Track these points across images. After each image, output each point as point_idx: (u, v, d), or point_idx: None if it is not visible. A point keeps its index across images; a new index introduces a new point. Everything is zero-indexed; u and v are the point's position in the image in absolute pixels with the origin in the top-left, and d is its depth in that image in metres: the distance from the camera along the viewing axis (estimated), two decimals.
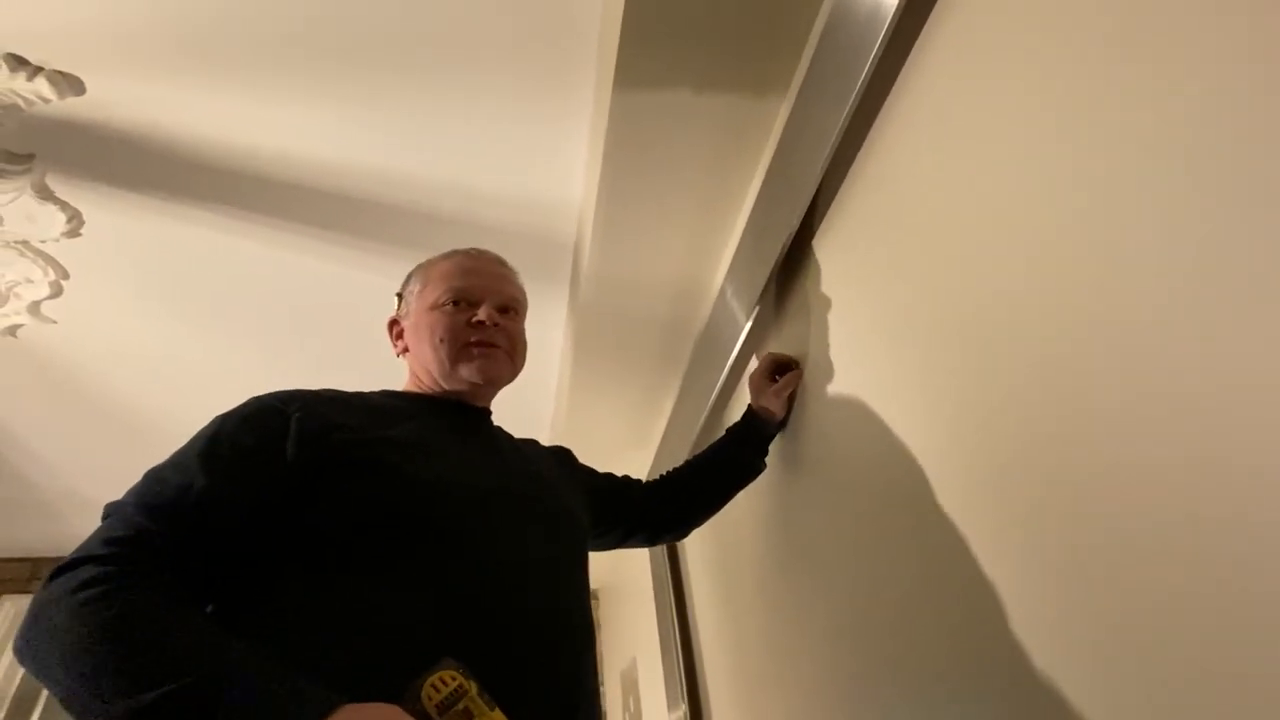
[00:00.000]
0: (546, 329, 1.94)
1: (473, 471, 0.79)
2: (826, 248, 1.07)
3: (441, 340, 0.86)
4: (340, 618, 0.61)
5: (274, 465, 0.66)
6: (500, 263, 0.97)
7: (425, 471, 0.73)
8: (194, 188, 1.46)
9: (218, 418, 0.71)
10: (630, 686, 2.57)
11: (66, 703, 0.50)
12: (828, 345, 1.05)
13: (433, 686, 0.53)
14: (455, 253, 0.94)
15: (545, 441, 1.09)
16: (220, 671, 0.49)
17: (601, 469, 1.16)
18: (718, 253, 1.47)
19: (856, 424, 0.95)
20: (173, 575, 0.57)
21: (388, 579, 0.64)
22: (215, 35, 1.18)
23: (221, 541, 0.62)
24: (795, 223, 1.07)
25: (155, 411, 2.12)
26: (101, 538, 0.58)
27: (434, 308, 0.88)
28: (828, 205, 1.04)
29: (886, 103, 0.88)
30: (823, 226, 1.07)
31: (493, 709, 0.53)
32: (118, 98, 1.27)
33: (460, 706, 0.52)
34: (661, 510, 1.15)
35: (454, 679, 0.54)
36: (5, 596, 2.65)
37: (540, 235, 1.65)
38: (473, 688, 0.54)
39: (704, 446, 1.23)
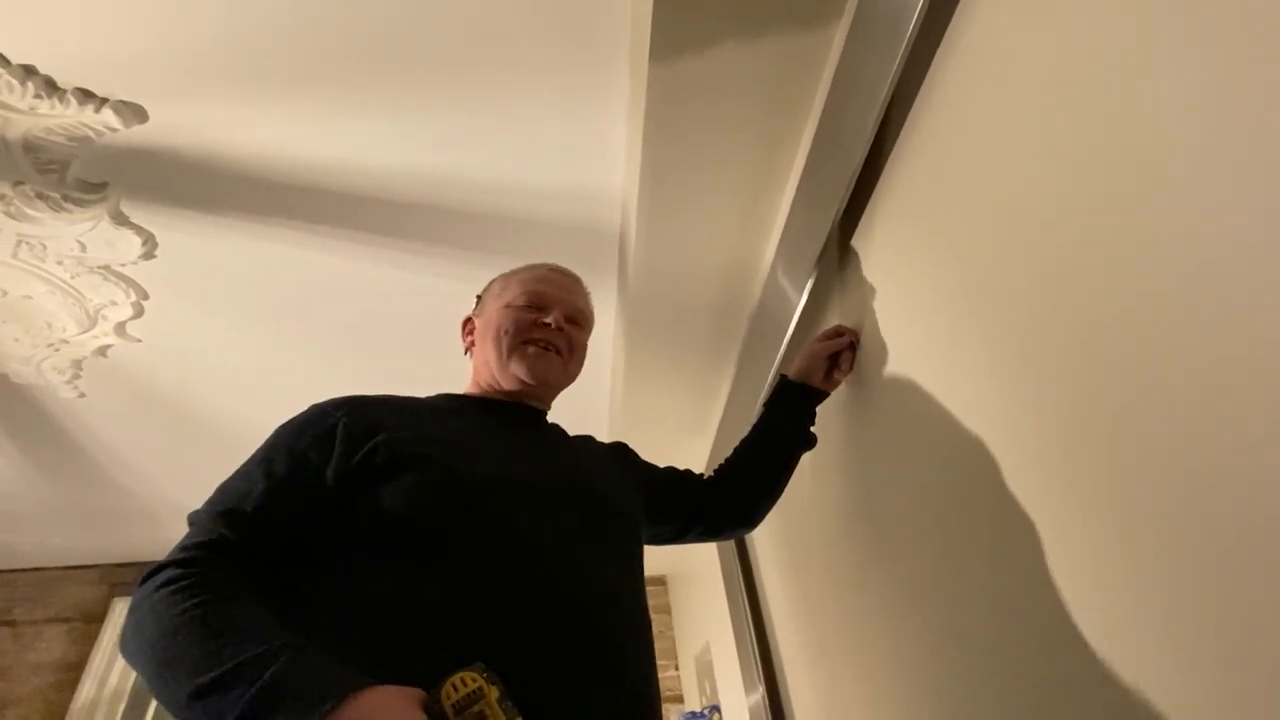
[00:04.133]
0: (598, 320, 1.93)
1: (520, 468, 0.80)
2: (882, 214, 1.02)
3: (505, 332, 0.91)
4: (383, 614, 0.63)
5: (322, 468, 0.70)
6: (577, 280, 1.04)
7: (470, 468, 0.74)
8: (257, 204, 1.52)
9: (278, 428, 0.75)
10: (705, 670, 2.57)
11: (152, 688, 0.56)
12: (888, 317, 1.01)
13: (453, 685, 0.53)
14: (538, 265, 1.01)
15: (604, 436, 1.10)
16: (263, 654, 0.53)
17: (660, 458, 1.15)
18: (767, 229, 1.43)
19: (921, 397, 0.90)
20: (239, 574, 0.62)
21: (432, 575, 0.66)
22: (264, 56, 1.22)
23: (281, 541, 0.67)
24: (847, 191, 1.02)
25: (235, 419, 2.23)
26: (181, 545, 0.64)
27: (508, 306, 0.94)
28: (881, 169, 0.99)
29: (940, 50, 0.82)
30: (876, 192, 1.02)
31: (512, 717, 0.52)
32: (179, 122, 1.32)
33: (476, 709, 0.52)
34: (722, 499, 1.11)
35: (474, 681, 0.53)
36: (117, 599, 2.85)
37: (586, 226, 1.64)
38: (493, 693, 0.53)
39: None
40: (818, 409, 1.14)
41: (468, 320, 1.01)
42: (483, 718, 0.52)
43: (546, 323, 0.92)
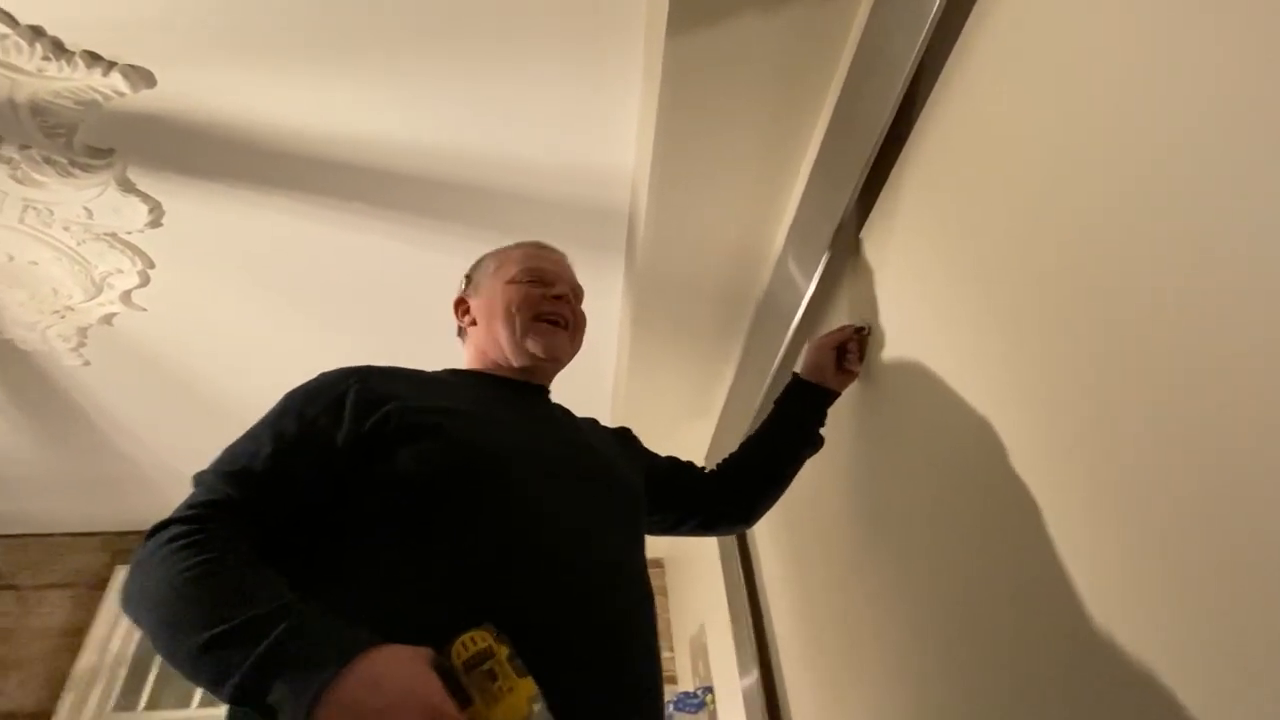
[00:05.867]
0: (604, 301, 1.93)
1: (528, 439, 0.80)
2: (898, 200, 1.00)
3: (517, 309, 0.90)
4: (392, 578, 0.64)
5: (332, 435, 0.70)
6: (564, 255, 1.03)
7: (480, 437, 0.75)
8: (264, 174, 1.51)
9: (287, 393, 0.76)
10: (700, 652, 2.60)
11: (156, 644, 0.56)
12: (901, 306, 1.00)
13: (462, 644, 0.54)
14: (526, 243, 1.01)
15: (607, 416, 1.09)
16: (272, 612, 0.53)
17: (662, 441, 1.14)
18: (779, 213, 1.42)
19: (930, 389, 0.90)
20: (246, 534, 0.63)
21: (440, 541, 0.66)
22: (274, 24, 1.21)
23: (289, 504, 0.67)
24: (863, 174, 1.01)
25: (240, 390, 2.23)
26: (187, 502, 0.65)
27: (511, 282, 0.93)
28: (899, 153, 0.97)
29: (966, 26, 0.80)
30: (893, 177, 1.01)
31: (521, 675, 0.53)
32: (187, 88, 1.31)
33: (486, 667, 0.53)
34: (722, 494, 1.10)
35: (484, 640, 0.54)
36: (119, 566, 2.87)
37: (595, 206, 1.63)
38: (502, 651, 0.54)
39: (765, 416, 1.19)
40: (830, 408, 1.13)
41: (460, 300, 0.99)
42: (492, 675, 0.53)
43: (556, 296, 0.93)
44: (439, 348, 1.32)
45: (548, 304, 0.92)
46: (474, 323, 0.96)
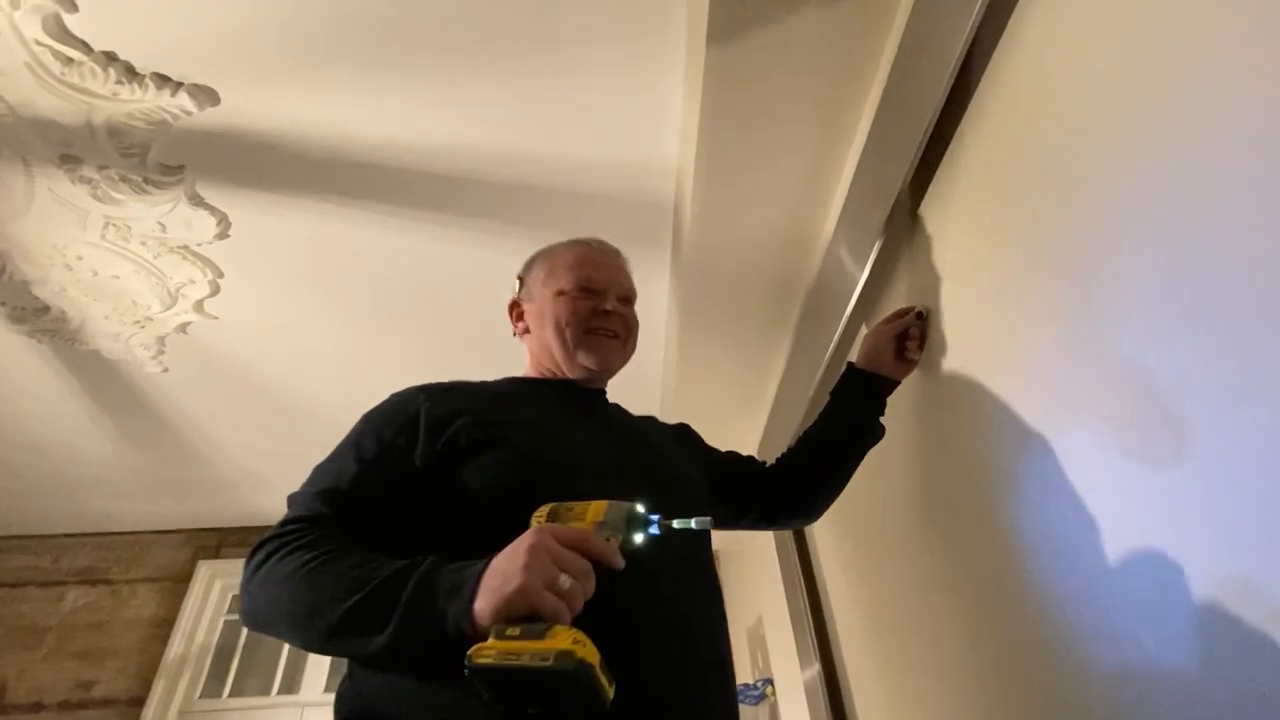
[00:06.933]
0: (651, 295, 1.93)
1: (592, 447, 0.83)
2: (955, 180, 0.97)
3: (566, 324, 0.91)
4: None
5: (409, 452, 0.75)
6: (617, 254, 1.02)
7: (547, 448, 0.78)
8: (323, 183, 1.56)
9: (364, 415, 0.82)
10: (758, 644, 2.58)
11: (291, 638, 0.63)
12: (961, 291, 0.97)
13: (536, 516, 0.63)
14: (577, 242, 1.00)
15: (657, 411, 1.10)
16: (403, 567, 0.60)
17: (712, 434, 1.14)
18: (828, 197, 1.39)
19: (995, 375, 0.87)
20: (342, 539, 0.68)
21: None
22: (328, 37, 1.25)
23: (373, 517, 0.72)
24: (916, 154, 0.97)
25: (308, 393, 2.33)
26: (283, 520, 0.71)
27: (560, 293, 0.93)
28: (955, 130, 0.94)
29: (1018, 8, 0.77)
30: (949, 156, 0.97)
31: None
32: (249, 104, 1.37)
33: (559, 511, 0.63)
34: (782, 488, 1.09)
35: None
36: (201, 562, 3.04)
37: (641, 199, 1.63)
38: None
39: (818, 409, 1.16)
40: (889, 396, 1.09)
41: (514, 304, 1.01)
42: (568, 509, 0.63)
43: (606, 310, 0.92)
44: (496, 348, 1.34)
45: (597, 318, 0.92)
46: (528, 330, 0.98)
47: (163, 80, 1.30)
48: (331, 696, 0.67)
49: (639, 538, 0.62)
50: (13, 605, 2.87)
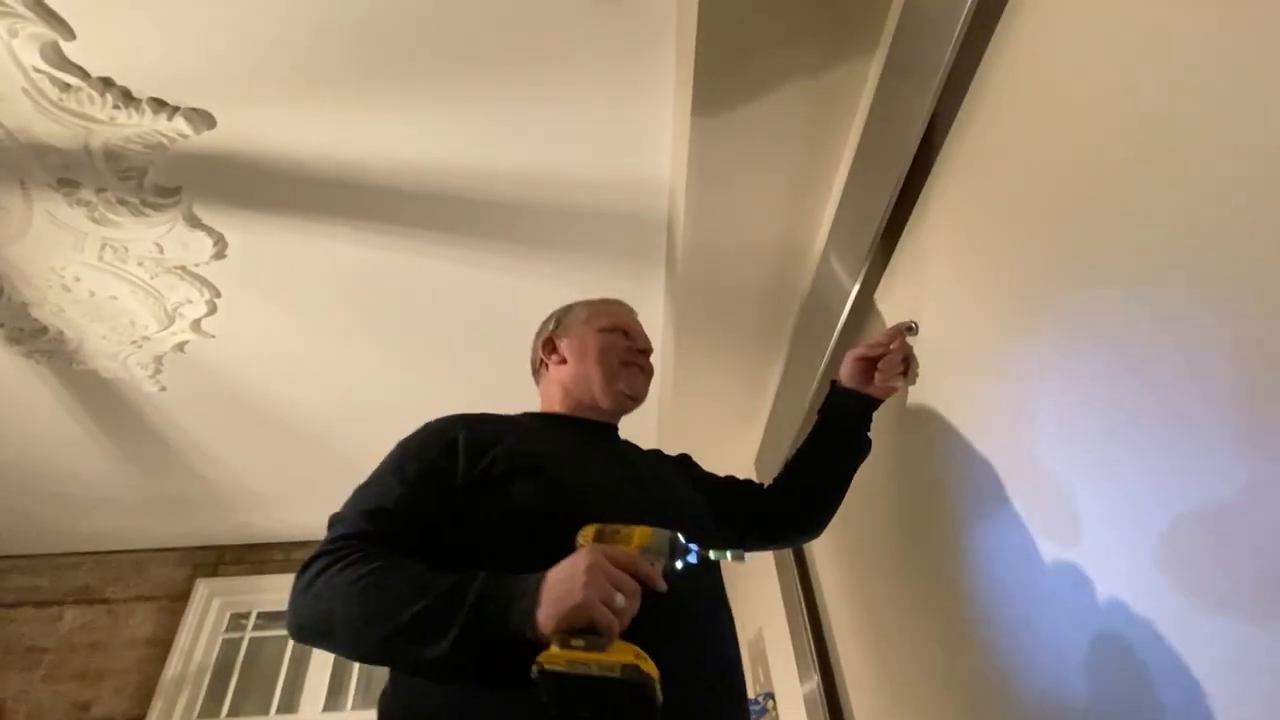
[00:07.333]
0: (646, 310, 1.93)
1: (614, 478, 0.89)
2: (944, 193, 0.98)
3: (608, 354, 1.03)
4: None
5: (451, 473, 0.80)
6: (637, 313, 1.17)
7: (573, 477, 0.83)
8: (319, 203, 1.58)
9: (400, 443, 0.86)
10: (759, 657, 2.57)
11: (343, 646, 0.67)
12: (947, 303, 0.98)
13: (582, 534, 0.68)
14: (611, 300, 1.15)
15: (652, 424, 1.15)
16: (463, 578, 0.64)
17: (709, 447, 1.18)
18: (819, 210, 1.40)
19: (985, 385, 0.88)
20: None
21: (542, 566, 0.71)
22: (321, 60, 1.27)
23: (416, 536, 0.75)
24: (905, 167, 0.99)
25: (305, 411, 2.33)
26: (329, 538, 0.74)
27: (603, 331, 1.05)
28: (943, 143, 0.95)
29: (1009, 4, 0.78)
30: (937, 169, 0.98)
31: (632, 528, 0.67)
32: (244, 127, 1.38)
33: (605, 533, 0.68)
34: (780, 508, 1.13)
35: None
36: (199, 580, 3.03)
37: (634, 215, 1.64)
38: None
39: (814, 421, 1.18)
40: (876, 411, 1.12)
41: (549, 340, 1.09)
42: (614, 532, 0.68)
43: (642, 349, 1.07)
44: (491, 363, 1.35)
45: (633, 355, 1.05)
46: (563, 361, 1.06)
47: (159, 105, 1.32)
48: (329, 716, 0.69)
49: (679, 564, 0.67)
50: (11, 626, 2.86)
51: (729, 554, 0.70)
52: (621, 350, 1.04)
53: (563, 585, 0.61)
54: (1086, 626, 0.68)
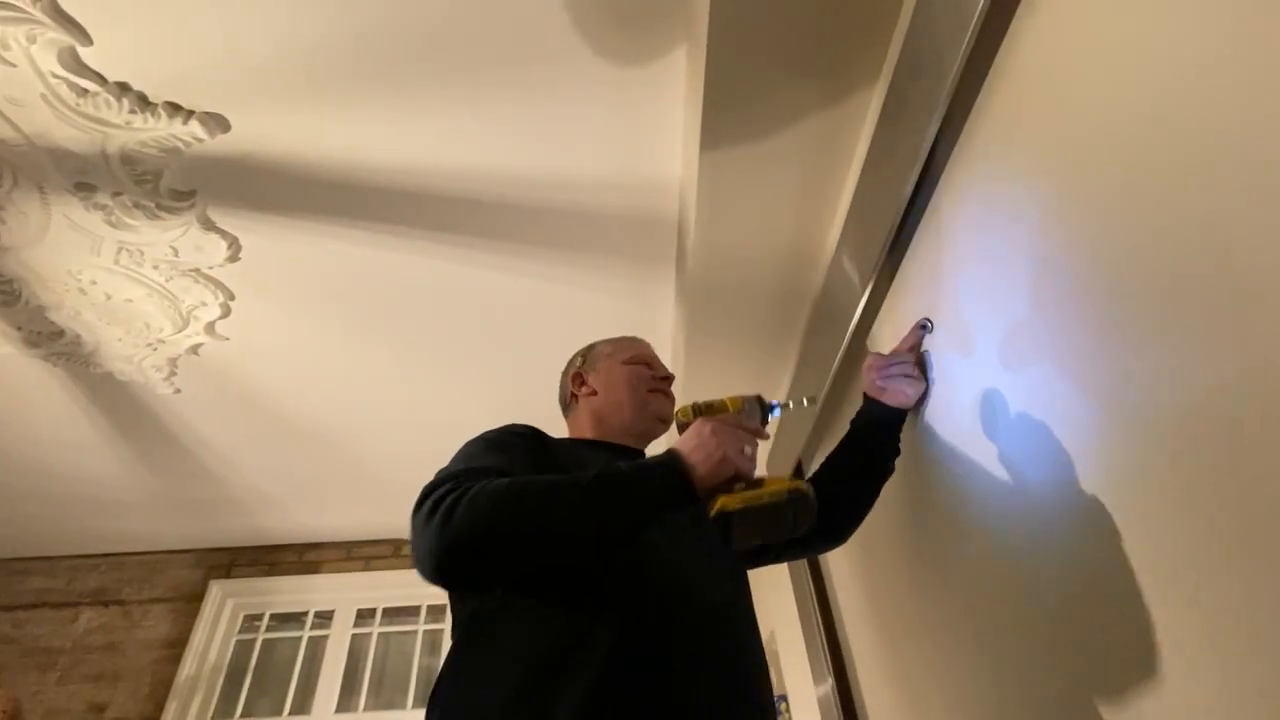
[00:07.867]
0: (657, 312, 1.94)
1: None
2: (958, 191, 0.97)
3: (639, 381, 1.12)
4: (546, 630, 0.74)
5: (529, 453, 0.87)
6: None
7: None
8: (330, 206, 1.58)
9: (480, 435, 0.91)
10: (772, 659, 2.55)
11: (516, 532, 0.68)
12: (961, 305, 0.97)
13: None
14: (630, 337, 1.24)
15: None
16: (605, 467, 0.73)
17: None
18: (831, 209, 1.39)
19: (1001, 390, 0.87)
20: None
21: (589, 593, 0.76)
22: (333, 64, 1.28)
23: None
24: (919, 166, 0.98)
25: (318, 413, 2.34)
26: (436, 482, 0.74)
27: (630, 362, 1.14)
28: (956, 140, 0.94)
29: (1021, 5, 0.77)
30: (951, 166, 0.98)
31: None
32: (258, 131, 1.39)
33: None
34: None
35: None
36: (213, 582, 3.05)
37: (645, 217, 1.64)
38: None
39: (822, 423, 1.19)
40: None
41: (578, 375, 1.16)
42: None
43: (664, 377, 1.16)
44: (508, 368, 1.34)
45: (658, 382, 1.14)
46: (593, 393, 1.12)
47: (175, 109, 1.33)
48: (342, 718, 0.69)
49: (770, 417, 0.89)
50: (28, 628, 2.89)
51: (805, 400, 0.97)
52: (647, 379, 1.13)
53: (702, 450, 0.73)
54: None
